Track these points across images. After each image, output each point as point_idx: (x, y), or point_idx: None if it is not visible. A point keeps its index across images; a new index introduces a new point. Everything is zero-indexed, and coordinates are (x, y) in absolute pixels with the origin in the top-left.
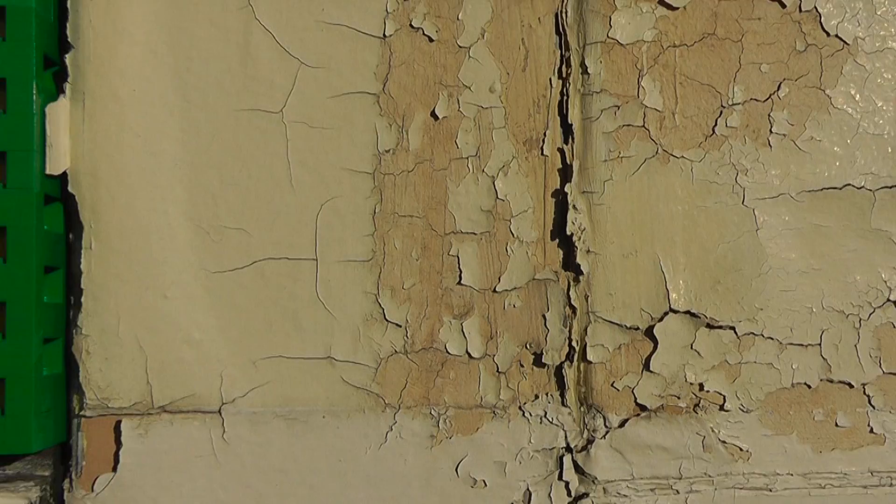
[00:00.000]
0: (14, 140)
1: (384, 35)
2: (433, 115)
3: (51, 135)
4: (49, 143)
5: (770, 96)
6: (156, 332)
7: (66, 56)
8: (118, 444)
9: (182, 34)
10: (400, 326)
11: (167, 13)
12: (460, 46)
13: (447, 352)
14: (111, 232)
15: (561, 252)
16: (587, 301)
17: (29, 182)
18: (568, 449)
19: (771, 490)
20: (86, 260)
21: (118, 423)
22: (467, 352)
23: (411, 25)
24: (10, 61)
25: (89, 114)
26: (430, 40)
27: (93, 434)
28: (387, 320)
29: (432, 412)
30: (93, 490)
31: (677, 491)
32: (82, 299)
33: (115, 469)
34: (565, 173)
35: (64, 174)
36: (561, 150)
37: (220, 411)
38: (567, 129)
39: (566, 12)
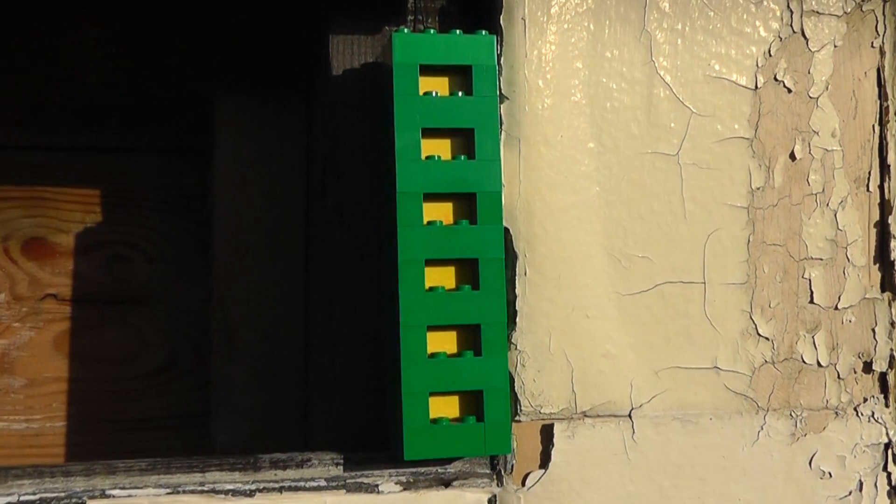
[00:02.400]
0: (483, 182)
1: (755, 87)
2: (791, 156)
3: None
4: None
5: None
6: (579, 347)
7: (501, 106)
8: (548, 444)
9: (598, 86)
10: (768, 340)
11: (587, 68)
12: (810, 97)
13: (803, 361)
14: (543, 261)
15: (879, 275)
16: None
17: (497, 218)
18: (888, 444)
19: None
20: (521, 285)
21: (548, 426)
22: (817, 361)
23: (775, 78)
24: (478, 113)
25: (524, 157)
26: (789, 91)
27: (523, 437)
28: (758, 335)
29: (792, 413)
30: (524, 485)
31: None
32: (517, 320)
33: (544, 467)
34: (883, 207)
35: None
36: (880, 187)
37: (630, 415)
38: (884, 169)
39: (884, 67)
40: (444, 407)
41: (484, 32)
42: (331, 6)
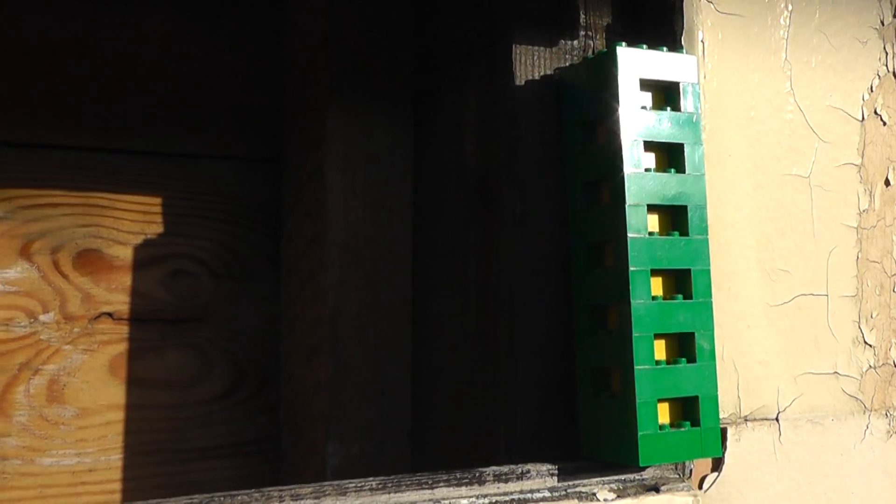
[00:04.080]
0: (693, 196)
1: (862, 118)
2: (886, 182)
3: None
4: None
5: None
6: (743, 355)
7: None
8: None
9: (753, 110)
10: (871, 347)
11: (745, 92)
12: None
13: (893, 365)
14: (717, 273)
15: None
16: None
17: (704, 230)
18: None
19: None
20: None
21: (722, 430)
22: None
23: (875, 112)
24: (686, 128)
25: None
26: (884, 124)
27: None
28: (865, 342)
29: (887, 413)
30: (701, 487)
31: None
32: None
33: (717, 470)
34: None
35: None
36: None
37: (777, 418)
38: None
39: None
40: (662, 413)
41: (684, 51)
42: (511, 18)
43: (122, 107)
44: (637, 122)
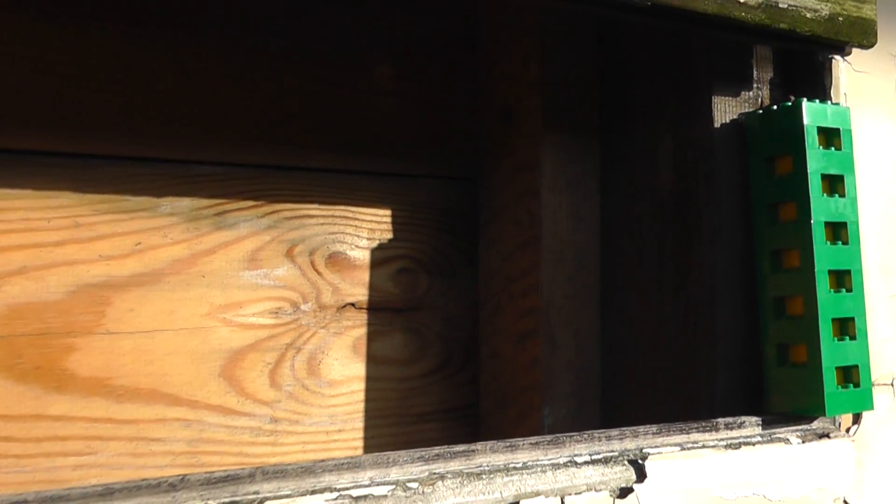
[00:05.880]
0: (851, 215)
1: None
2: None
3: None
4: None
5: None
6: (872, 334)
7: None
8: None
9: (876, 148)
10: None
11: (871, 135)
12: None
13: None
14: None
15: None
16: None
17: (858, 240)
18: None
19: None
20: None
21: None
22: None
23: None
24: (844, 164)
25: None
26: None
27: None
28: None
29: None
30: (848, 433)
31: None
32: None
33: (856, 423)
34: None
35: None
36: None
37: (892, 384)
38: None
39: None
40: (836, 377)
41: (839, 104)
42: (712, 76)
43: (359, 135)
44: (816, 159)
